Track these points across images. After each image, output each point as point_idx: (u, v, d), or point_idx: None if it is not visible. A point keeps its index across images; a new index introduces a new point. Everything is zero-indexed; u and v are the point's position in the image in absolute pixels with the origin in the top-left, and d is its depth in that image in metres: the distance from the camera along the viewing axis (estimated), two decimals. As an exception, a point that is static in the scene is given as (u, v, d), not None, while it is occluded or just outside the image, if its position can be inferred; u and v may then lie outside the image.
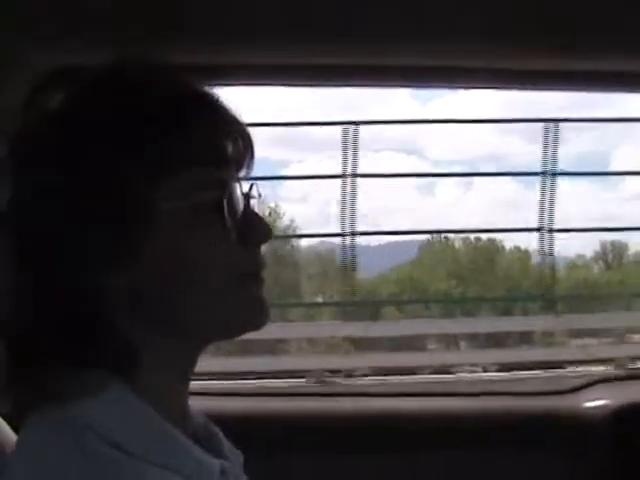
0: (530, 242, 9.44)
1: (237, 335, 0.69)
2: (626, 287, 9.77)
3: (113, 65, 0.68)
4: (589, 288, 9.37)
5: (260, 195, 0.71)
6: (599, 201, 8.19)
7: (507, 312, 7.78)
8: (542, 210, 5.57)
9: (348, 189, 5.95)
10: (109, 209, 0.62)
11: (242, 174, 0.70)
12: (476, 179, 9.05)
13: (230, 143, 0.68)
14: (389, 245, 8.84)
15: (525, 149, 13.71)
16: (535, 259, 10.14)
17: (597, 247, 10.36)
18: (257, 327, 0.68)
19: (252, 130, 0.71)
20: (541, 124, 5.53)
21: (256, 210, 0.70)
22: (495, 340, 7.28)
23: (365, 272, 9.04)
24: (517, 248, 9.24)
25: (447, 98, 13.07)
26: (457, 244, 8.30)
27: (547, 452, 1.44)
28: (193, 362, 0.70)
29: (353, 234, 5.97)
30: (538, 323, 8.45)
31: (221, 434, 0.74)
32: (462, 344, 6.87)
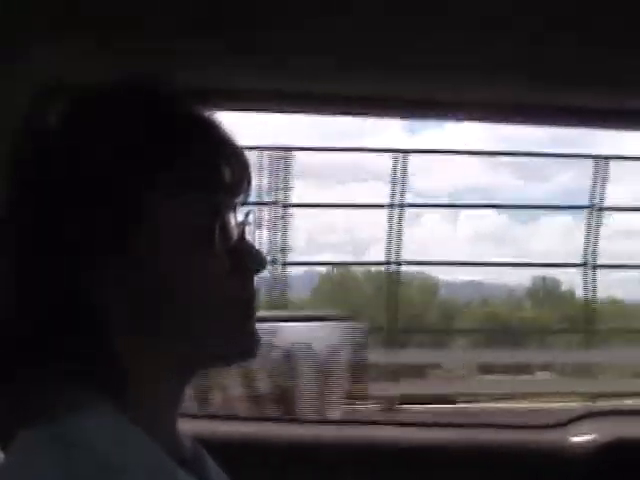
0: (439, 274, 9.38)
1: (227, 364, 0.71)
2: (540, 323, 9.76)
3: (121, 81, 0.68)
4: (500, 324, 9.31)
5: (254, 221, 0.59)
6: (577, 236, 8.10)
7: (404, 344, 7.64)
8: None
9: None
10: (104, 224, 0.62)
11: (240, 200, 0.70)
12: (462, 212, 9.08)
13: (227, 169, 0.67)
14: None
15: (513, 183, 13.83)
16: (442, 292, 10.12)
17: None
18: (245, 359, 0.69)
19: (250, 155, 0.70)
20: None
21: (249, 237, 0.69)
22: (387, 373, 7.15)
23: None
24: (425, 280, 9.15)
25: (434, 131, 13.53)
26: (359, 275, 8.19)
27: None
28: (183, 386, 0.69)
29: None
30: (437, 356, 8.33)
31: (208, 457, 0.74)
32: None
